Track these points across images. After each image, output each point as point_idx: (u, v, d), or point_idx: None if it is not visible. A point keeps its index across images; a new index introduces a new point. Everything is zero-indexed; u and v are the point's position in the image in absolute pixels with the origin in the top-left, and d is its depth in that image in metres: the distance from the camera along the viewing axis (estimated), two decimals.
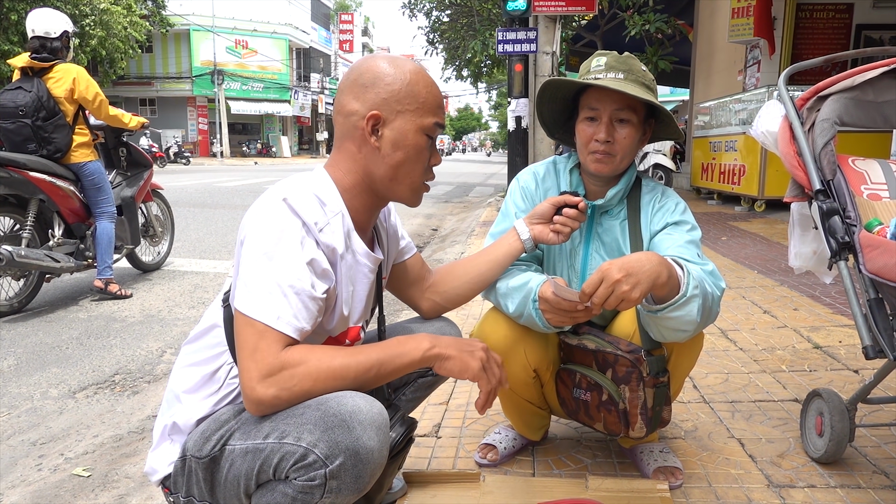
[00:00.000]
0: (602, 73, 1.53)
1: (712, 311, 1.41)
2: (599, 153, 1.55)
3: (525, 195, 1.71)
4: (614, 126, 1.54)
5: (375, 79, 1.20)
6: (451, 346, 1.19)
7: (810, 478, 1.71)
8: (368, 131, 1.20)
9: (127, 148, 4.63)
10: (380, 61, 1.23)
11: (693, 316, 1.33)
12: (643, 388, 1.52)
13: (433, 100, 1.23)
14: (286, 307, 1.07)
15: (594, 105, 1.54)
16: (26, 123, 3.77)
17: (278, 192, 1.14)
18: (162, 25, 27.17)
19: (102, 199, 4.17)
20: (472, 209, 9.89)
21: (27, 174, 3.74)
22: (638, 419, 1.54)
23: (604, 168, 1.57)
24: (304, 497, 1.03)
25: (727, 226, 6.47)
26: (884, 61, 1.72)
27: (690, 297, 1.32)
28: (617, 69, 1.52)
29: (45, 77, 3.88)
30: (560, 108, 1.68)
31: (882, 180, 1.67)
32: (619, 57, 1.54)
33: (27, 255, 3.68)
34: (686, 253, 1.49)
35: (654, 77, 1.59)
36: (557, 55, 10.16)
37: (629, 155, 1.58)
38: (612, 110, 1.53)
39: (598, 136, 1.53)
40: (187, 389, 1.21)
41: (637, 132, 1.56)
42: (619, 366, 1.54)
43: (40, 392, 2.73)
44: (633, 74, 1.52)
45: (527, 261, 1.67)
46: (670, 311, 1.33)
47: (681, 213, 1.61)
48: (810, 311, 3.33)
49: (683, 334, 1.39)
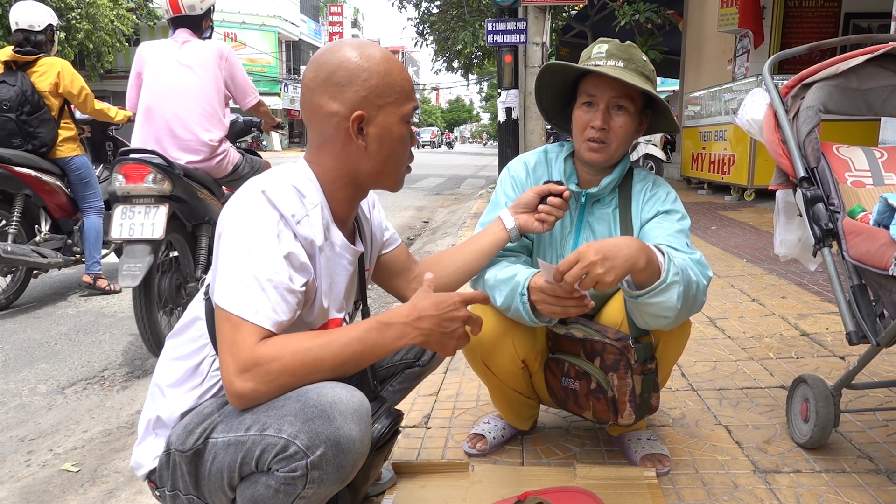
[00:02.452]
0: (603, 59, 1.52)
1: (697, 300, 1.42)
2: (594, 140, 1.55)
3: (515, 184, 1.70)
4: (610, 114, 1.54)
5: (351, 76, 1.16)
6: (433, 333, 1.12)
7: (796, 463, 1.73)
8: (354, 132, 1.17)
9: (114, 142, 4.57)
10: (348, 52, 1.18)
11: (673, 303, 1.33)
12: (631, 375, 1.53)
13: (408, 85, 1.22)
14: (264, 300, 1.06)
15: (592, 91, 1.54)
16: (10, 118, 3.72)
17: (257, 185, 1.13)
18: (149, 18, 26.89)
19: (90, 193, 4.12)
20: (463, 201, 9.88)
21: (12, 169, 3.68)
22: (627, 406, 1.55)
23: (598, 157, 1.57)
24: (286, 488, 1.03)
25: (717, 215, 6.50)
26: (868, 48, 1.72)
27: (670, 283, 1.32)
28: (618, 57, 1.52)
29: (30, 71, 3.84)
30: (559, 93, 1.68)
31: (866, 167, 1.69)
32: (621, 45, 1.54)
33: (13, 250, 3.64)
34: (675, 241, 1.50)
35: (653, 67, 1.59)
36: (547, 46, 10.15)
37: (624, 144, 1.58)
38: (609, 97, 1.53)
39: (594, 123, 1.54)
40: (171, 383, 1.20)
41: (633, 122, 1.56)
42: (606, 354, 1.55)
43: (29, 388, 2.72)
44: (633, 63, 1.52)
45: (516, 250, 1.67)
46: (650, 297, 1.33)
47: (671, 203, 1.61)
48: (798, 298, 3.36)
49: (665, 321, 1.39)
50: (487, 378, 1.75)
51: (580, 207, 1.67)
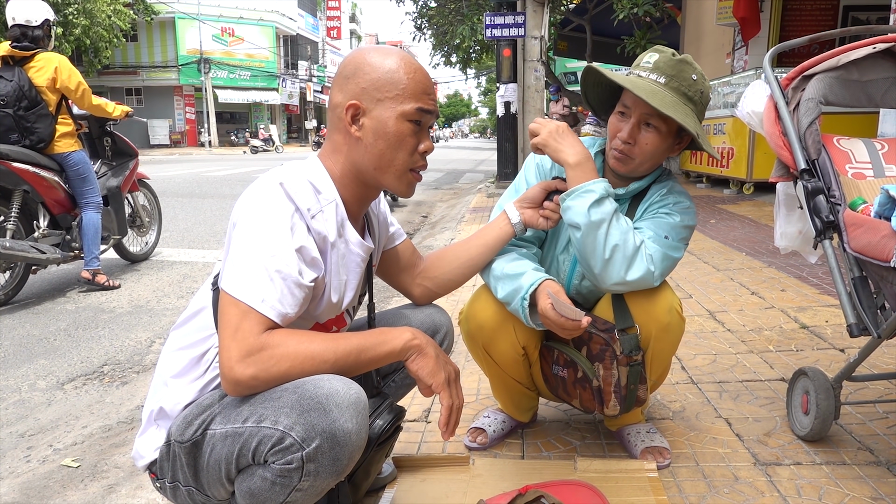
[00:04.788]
0: (647, 72, 1.49)
1: (628, 258, 1.43)
2: (619, 151, 1.54)
3: (539, 172, 1.69)
4: (640, 129, 1.50)
5: (356, 69, 1.20)
6: (430, 346, 1.19)
7: (796, 455, 1.73)
8: (348, 122, 1.20)
9: (112, 137, 4.59)
10: (366, 52, 1.22)
11: (582, 218, 1.42)
12: (616, 366, 1.54)
13: (415, 85, 1.21)
14: (271, 291, 1.07)
15: (627, 103, 1.52)
16: (8, 113, 3.73)
17: (275, 177, 1.15)
18: (146, 13, 26.79)
19: (88, 189, 4.13)
20: (461, 196, 9.87)
21: (10, 165, 3.70)
22: (612, 397, 1.56)
23: (620, 167, 1.56)
24: (282, 481, 1.03)
25: (716, 209, 6.50)
26: (868, 40, 1.71)
27: (586, 191, 1.43)
28: (662, 72, 1.47)
29: (27, 66, 3.83)
30: (605, 93, 1.65)
31: (866, 159, 1.68)
32: (671, 60, 1.48)
33: (12, 246, 3.66)
34: (653, 227, 1.51)
35: (706, 88, 1.52)
36: (546, 39, 10.12)
37: (650, 160, 1.54)
38: (641, 113, 1.49)
39: (621, 136, 1.52)
40: (175, 374, 1.20)
41: (664, 141, 1.51)
42: (593, 343, 1.56)
43: (28, 384, 2.72)
44: (677, 81, 1.47)
45: (529, 240, 1.67)
46: (569, 200, 1.46)
47: (674, 207, 1.57)
48: (797, 291, 3.36)
49: (594, 263, 1.45)
50: (488, 366, 1.75)
51: None
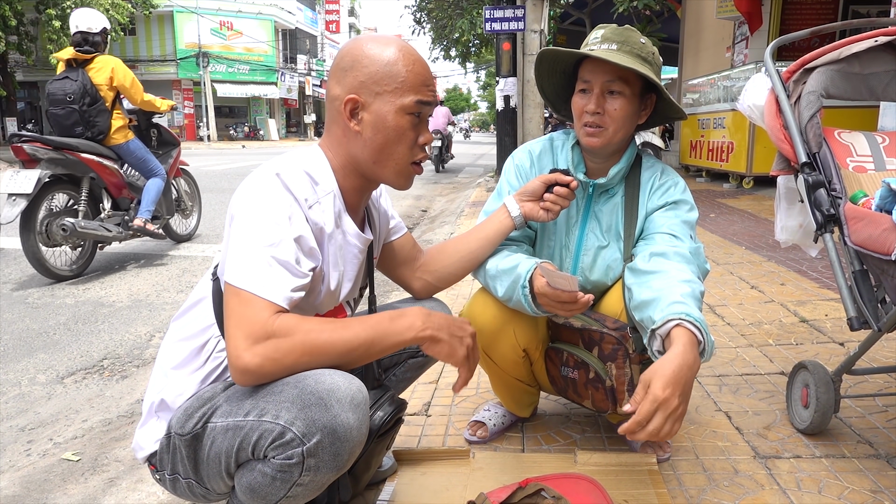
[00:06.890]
0: (598, 44, 1.50)
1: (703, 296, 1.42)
2: (590, 125, 1.53)
3: (519, 173, 1.69)
4: (605, 98, 1.51)
5: (354, 61, 1.20)
6: (442, 329, 1.17)
7: (796, 448, 1.73)
8: (347, 116, 1.20)
9: (158, 128, 5.09)
10: (364, 43, 1.21)
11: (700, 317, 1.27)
12: (629, 364, 1.52)
13: (415, 77, 1.20)
14: (275, 278, 1.06)
15: (587, 77, 1.52)
16: (74, 109, 4.29)
17: (272, 167, 1.15)
18: (145, 7, 26.63)
19: (151, 165, 4.73)
20: (461, 190, 9.86)
21: (79, 155, 4.24)
22: (625, 396, 1.54)
23: (595, 141, 1.54)
24: (282, 476, 1.03)
25: (715, 203, 6.50)
26: (869, 33, 1.71)
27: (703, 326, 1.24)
28: (612, 40, 1.49)
29: (88, 67, 4.41)
30: (561, 82, 1.66)
31: (867, 152, 1.68)
32: (617, 29, 1.52)
33: (86, 226, 4.27)
34: (679, 231, 1.50)
35: (655, 49, 1.55)
36: (545, 33, 10.09)
37: (623, 128, 1.54)
38: (602, 81, 1.50)
39: (588, 108, 1.51)
40: (175, 365, 1.20)
41: (630, 105, 1.52)
42: (605, 343, 1.54)
43: (28, 378, 2.72)
44: (628, 45, 1.49)
45: (518, 239, 1.66)
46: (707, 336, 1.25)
47: (680, 193, 1.59)
48: (797, 285, 3.36)
49: None
50: (488, 366, 1.74)
51: (587, 197, 1.65)
